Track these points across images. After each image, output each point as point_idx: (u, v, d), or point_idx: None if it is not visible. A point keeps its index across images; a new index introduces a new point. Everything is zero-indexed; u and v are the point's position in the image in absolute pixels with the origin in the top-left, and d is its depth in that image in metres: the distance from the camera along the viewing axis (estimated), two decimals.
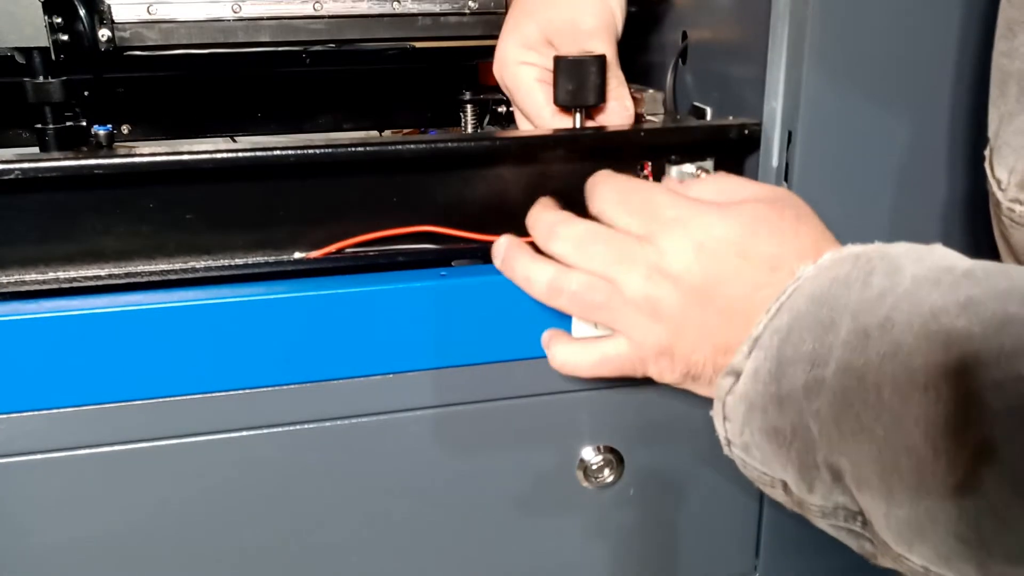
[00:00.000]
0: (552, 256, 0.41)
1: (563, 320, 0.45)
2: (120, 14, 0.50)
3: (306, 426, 0.45)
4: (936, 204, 0.49)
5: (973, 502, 0.28)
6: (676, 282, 0.38)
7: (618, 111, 0.53)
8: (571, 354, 0.42)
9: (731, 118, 0.51)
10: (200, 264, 0.44)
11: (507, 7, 0.59)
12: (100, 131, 0.45)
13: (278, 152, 0.42)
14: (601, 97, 0.50)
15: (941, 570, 0.31)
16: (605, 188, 0.42)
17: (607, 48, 0.52)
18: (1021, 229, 0.39)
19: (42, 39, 0.46)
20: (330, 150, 0.43)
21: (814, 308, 0.34)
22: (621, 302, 0.39)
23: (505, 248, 0.42)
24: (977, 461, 0.28)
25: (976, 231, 0.49)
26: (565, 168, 0.48)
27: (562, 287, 0.40)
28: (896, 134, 0.48)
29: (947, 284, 0.31)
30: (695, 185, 0.42)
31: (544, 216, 0.42)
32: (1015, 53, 0.37)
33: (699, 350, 0.39)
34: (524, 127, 0.56)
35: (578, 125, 0.51)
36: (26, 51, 0.47)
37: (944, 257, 0.33)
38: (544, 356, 0.45)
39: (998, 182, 0.40)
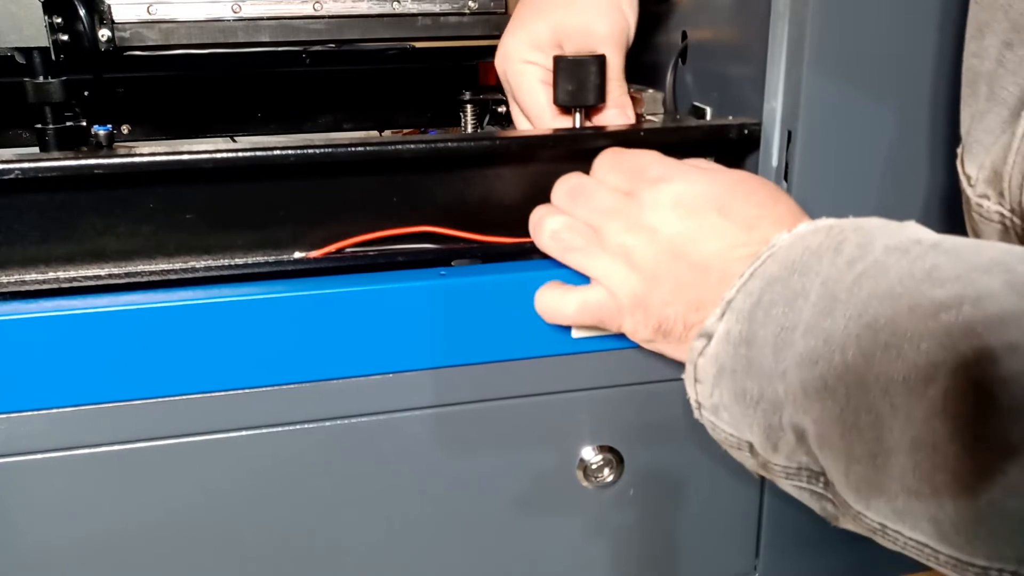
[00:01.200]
0: (553, 207, 0.44)
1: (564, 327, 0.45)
2: (120, 14, 0.50)
3: (306, 426, 0.45)
4: (937, 202, 0.49)
5: (925, 453, 0.29)
6: (652, 233, 0.40)
7: (618, 118, 0.53)
8: (554, 298, 0.44)
9: (731, 118, 0.51)
10: (200, 264, 0.44)
11: (507, 7, 0.59)
12: (100, 131, 0.45)
13: (278, 152, 0.42)
14: (601, 97, 0.50)
15: (897, 526, 0.32)
16: (603, 156, 0.45)
17: (617, 56, 0.52)
18: (989, 224, 0.39)
19: (42, 39, 0.46)
20: (330, 150, 0.43)
21: (786, 274, 0.35)
22: (599, 248, 0.42)
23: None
24: (932, 412, 0.28)
25: None
26: (565, 168, 0.47)
27: (545, 226, 0.43)
28: (896, 134, 0.48)
29: (915, 254, 0.32)
30: (686, 160, 0.45)
31: (562, 178, 0.45)
32: (984, 54, 0.38)
33: (672, 304, 0.40)
34: (521, 125, 0.56)
35: (578, 125, 0.51)
36: (26, 51, 0.47)
37: (916, 231, 0.34)
38: (544, 356, 0.45)
39: (968, 178, 0.40)
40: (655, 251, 0.40)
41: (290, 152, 0.42)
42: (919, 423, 0.29)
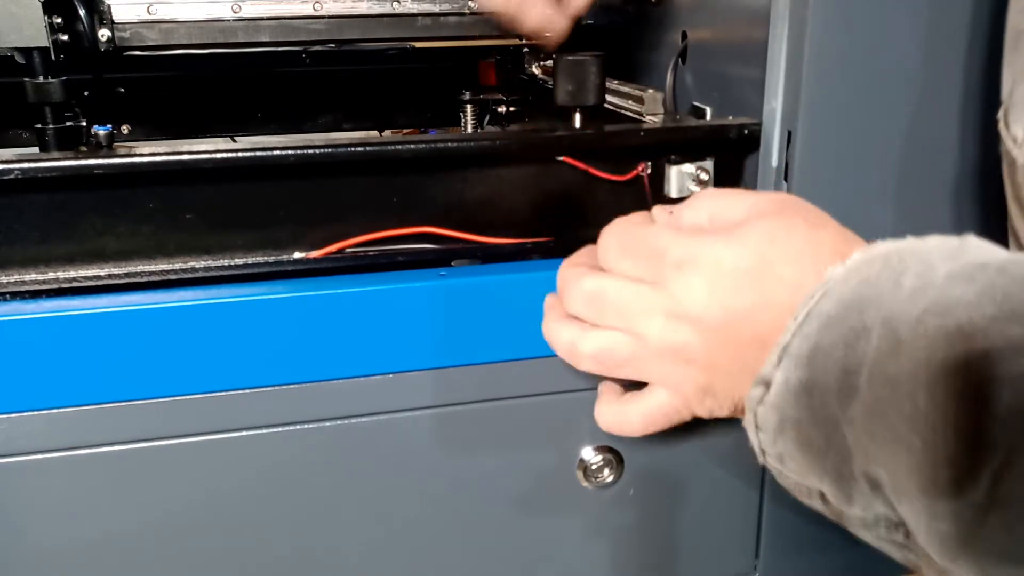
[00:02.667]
0: (573, 315, 0.40)
1: None
2: (120, 14, 0.50)
3: (306, 426, 0.45)
4: (939, 199, 0.49)
5: (1015, 512, 0.27)
6: (696, 324, 0.37)
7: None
8: (615, 416, 0.41)
9: (731, 118, 0.51)
10: (200, 264, 0.44)
11: None
12: (100, 131, 0.45)
13: (278, 152, 0.42)
14: (601, 97, 0.50)
15: None
16: (607, 239, 0.40)
17: None
18: None
19: (42, 39, 0.46)
20: (330, 150, 0.43)
21: (843, 312, 0.32)
22: (646, 355, 0.38)
23: (548, 302, 0.42)
24: (1011, 469, 0.27)
25: (986, 218, 0.49)
26: (565, 168, 0.48)
27: (583, 352, 0.39)
28: (896, 134, 0.48)
29: (981, 282, 0.30)
30: (686, 211, 0.40)
31: (563, 274, 0.41)
32: None
33: (740, 384, 0.37)
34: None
35: (578, 125, 0.51)
36: (26, 51, 0.46)
37: (979, 251, 0.32)
38: (544, 356, 0.45)
39: (1014, 139, 0.39)
40: (705, 341, 0.37)
41: (290, 152, 0.42)
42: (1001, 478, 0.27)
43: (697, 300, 0.37)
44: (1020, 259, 0.31)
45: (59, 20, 0.47)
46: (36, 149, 0.49)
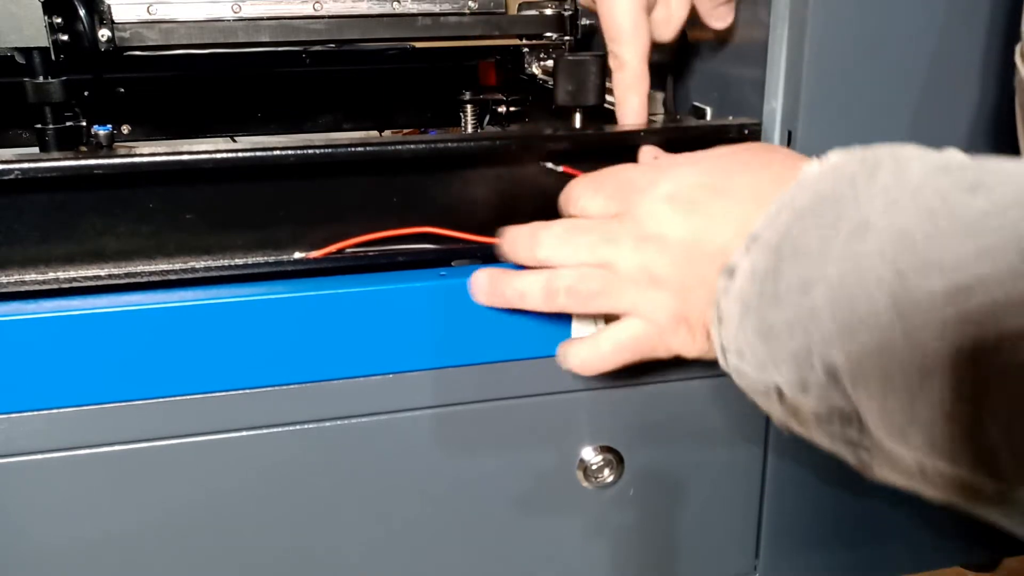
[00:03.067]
0: (540, 265, 0.41)
1: (563, 320, 0.45)
2: (120, 14, 0.50)
3: (306, 426, 0.45)
4: None
5: (966, 368, 0.27)
6: (661, 242, 0.38)
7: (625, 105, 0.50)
8: (586, 351, 0.41)
9: (731, 118, 0.51)
10: (200, 264, 0.44)
11: (507, 7, 0.59)
12: (100, 131, 0.45)
13: (278, 152, 0.42)
14: (601, 97, 0.50)
15: (937, 461, 0.30)
16: (578, 184, 0.42)
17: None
18: None
19: (42, 39, 0.46)
20: (330, 150, 0.43)
21: (817, 205, 0.33)
22: (618, 282, 0.39)
23: (487, 278, 0.42)
24: (971, 320, 0.27)
25: None
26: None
27: (557, 286, 0.40)
28: (896, 134, 0.48)
29: (955, 169, 0.30)
30: (667, 156, 0.43)
31: (518, 232, 0.42)
32: None
33: (711, 305, 0.37)
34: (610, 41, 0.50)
35: (578, 125, 0.51)
36: (26, 51, 0.46)
37: (956, 154, 0.32)
38: (544, 356, 0.45)
39: None
40: (671, 259, 0.38)
41: (290, 152, 0.42)
42: (963, 339, 0.27)
43: (660, 218, 0.38)
44: (999, 158, 0.31)
45: (59, 20, 0.47)
46: (36, 149, 0.49)
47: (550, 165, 0.46)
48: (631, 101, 0.49)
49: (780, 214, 0.34)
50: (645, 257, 0.38)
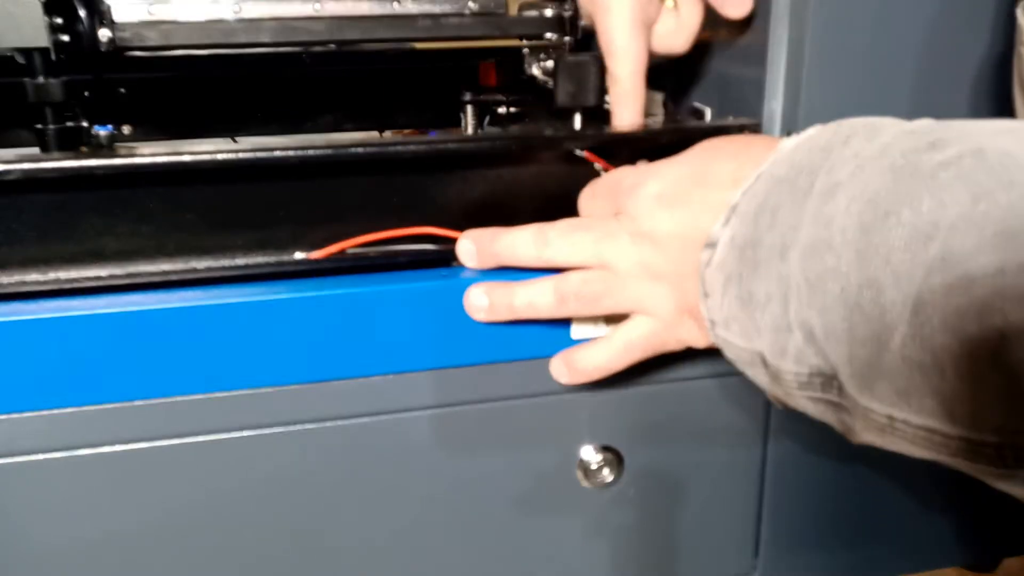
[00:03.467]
0: (547, 266, 0.42)
1: (563, 320, 0.45)
2: (120, 14, 0.50)
3: (306, 426, 0.45)
4: None
5: (925, 316, 0.28)
6: (654, 237, 0.39)
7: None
8: (595, 355, 0.42)
9: (731, 118, 0.51)
10: (201, 264, 0.44)
11: (507, 7, 0.59)
12: (101, 131, 0.45)
13: (279, 153, 0.42)
14: (600, 97, 0.50)
15: (904, 413, 0.30)
16: (582, 192, 0.45)
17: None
18: None
19: (42, 39, 0.46)
20: (331, 151, 0.43)
21: (793, 174, 0.34)
22: (620, 281, 0.40)
23: (485, 294, 0.43)
24: (932, 269, 0.28)
25: None
26: (565, 168, 0.48)
27: (566, 291, 0.41)
28: None
29: (921, 131, 0.31)
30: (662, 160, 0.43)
31: (519, 235, 0.43)
32: None
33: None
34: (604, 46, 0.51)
35: (578, 126, 0.51)
36: (26, 51, 0.46)
37: (928, 120, 0.33)
38: (544, 356, 0.45)
39: None
40: (666, 252, 0.39)
41: (291, 153, 0.42)
42: (919, 283, 0.28)
43: (649, 213, 0.39)
44: (965, 120, 0.32)
45: (59, 20, 0.47)
46: (36, 149, 0.49)
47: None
48: (623, 115, 0.51)
49: (757, 184, 0.35)
50: (642, 253, 0.40)
